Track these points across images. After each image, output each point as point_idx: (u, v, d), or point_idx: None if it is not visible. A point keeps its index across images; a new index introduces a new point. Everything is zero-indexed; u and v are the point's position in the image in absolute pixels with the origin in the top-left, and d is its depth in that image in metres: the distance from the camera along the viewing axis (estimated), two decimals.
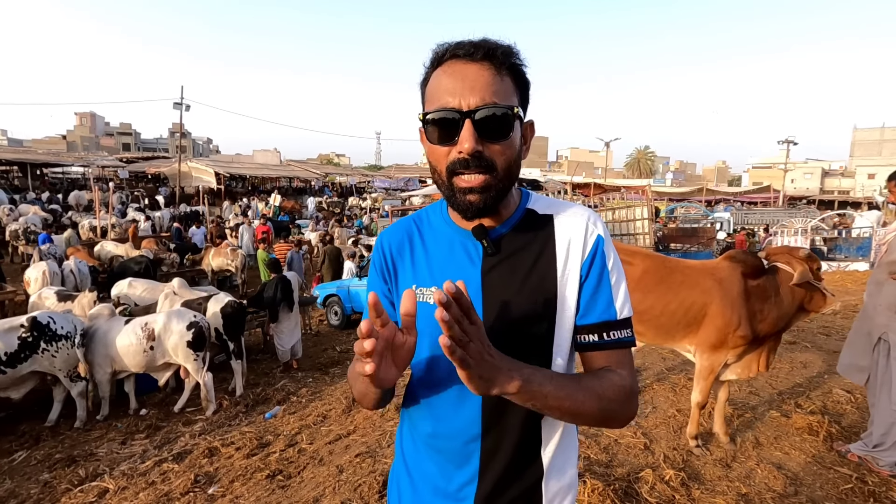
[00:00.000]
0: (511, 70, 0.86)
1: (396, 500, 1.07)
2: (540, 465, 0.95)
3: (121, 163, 31.45)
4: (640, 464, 3.01)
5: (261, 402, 5.65)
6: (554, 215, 0.96)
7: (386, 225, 11.38)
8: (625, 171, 68.77)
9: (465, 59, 0.84)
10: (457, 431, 0.94)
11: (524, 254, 0.93)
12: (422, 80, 0.91)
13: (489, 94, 0.82)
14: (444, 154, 0.86)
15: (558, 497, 0.97)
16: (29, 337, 4.88)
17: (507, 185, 0.88)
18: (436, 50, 0.88)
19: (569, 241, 0.92)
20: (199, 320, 5.50)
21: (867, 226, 13.15)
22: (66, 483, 3.88)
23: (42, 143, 55.71)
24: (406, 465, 1.04)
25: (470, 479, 0.94)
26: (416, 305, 0.79)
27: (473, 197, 0.85)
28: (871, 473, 2.89)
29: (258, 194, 27.95)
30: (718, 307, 2.99)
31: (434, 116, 0.84)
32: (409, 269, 0.99)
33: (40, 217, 14.87)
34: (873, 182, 41.06)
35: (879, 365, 3.01)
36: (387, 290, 1.02)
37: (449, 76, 0.84)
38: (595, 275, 0.92)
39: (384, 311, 0.76)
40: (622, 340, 0.91)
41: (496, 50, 0.84)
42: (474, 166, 0.84)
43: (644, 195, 16.29)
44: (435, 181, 0.91)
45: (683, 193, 32.20)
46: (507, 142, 0.85)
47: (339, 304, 9.62)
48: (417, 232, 1.02)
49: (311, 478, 3.39)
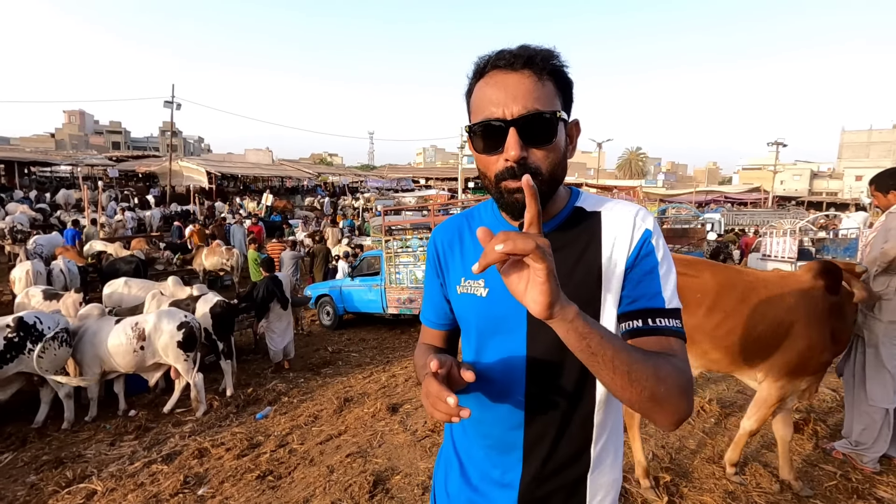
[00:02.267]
0: (552, 74, 0.88)
1: (443, 481, 1.12)
2: (587, 459, 0.98)
3: (110, 161, 31.10)
4: (628, 462, 3.04)
5: (251, 402, 5.63)
6: (602, 211, 0.97)
7: (378, 225, 11.37)
8: (617, 172, 69.09)
9: (505, 69, 0.87)
10: (501, 417, 0.98)
11: (570, 249, 0.95)
12: (466, 91, 0.95)
13: (531, 101, 0.85)
14: (492, 162, 0.90)
15: (601, 491, 1.00)
16: (15, 337, 4.82)
17: (553, 186, 0.92)
18: (477, 62, 0.91)
19: (615, 235, 0.94)
20: (190, 320, 5.46)
21: (854, 227, 13.33)
22: (53, 485, 3.84)
23: (30, 142, 54.92)
24: (455, 449, 1.10)
25: (514, 465, 0.98)
26: (474, 378, 0.85)
27: (521, 196, 0.88)
28: (855, 470, 2.93)
29: (250, 193, 27.78)
30: (804, 328, 2.58)
31: (480, 126, 0.88)
32: (458, 263, 1.04)
33: (28, 216, 14.69)
34: (861, 184, 41.55)
35: (856, 362, 3.06)
36: (439, 283, 1.09)
37: (492, 87, 0.87)
38: (642, 266, 0.92)
39: (446, 364, 0.87)
40: (672, 329, 0.86)
41: (535, 57, 0.86)
42: (520, 174, 0.86)
43: (635, 196, 16.39)
44: (485, 185, 0.95)
45: (674, 195, 32.45)
46: (550, 146, 0.88)
47: (332, 305, 9.60)
48: (468, 227, 1.07)
49: (302, 478, 3.38)
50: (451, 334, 1.14)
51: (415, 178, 38.94)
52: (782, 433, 2.79)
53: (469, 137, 0.92)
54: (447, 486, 1.10)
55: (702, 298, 2.67)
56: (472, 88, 0.92)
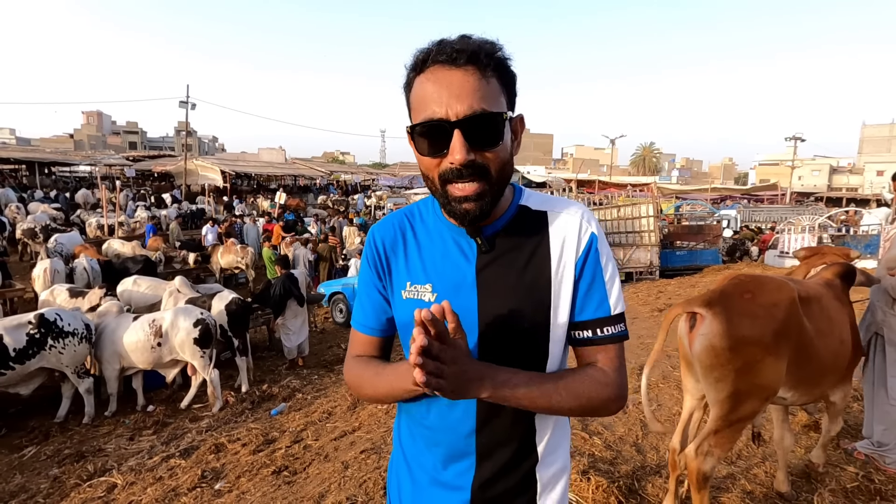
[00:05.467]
0: (496, 69, 0.84)
1: (396, 490, 1.10)
2: (535, 453, 0.98)
3: (127, 161, 31.62)
4: (644, 461, 3.01)
5: (266, 398, 5.69)
6: (548, 212, 0.96)
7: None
8: (630, 169, 68.46)
9: (447, 64, 0.81)
10: (453, 426, 0.96)
11: (518, 251, 0.94)
12: (405, 83, 0.89)
13: (476, 100, 0.80)
14: (435, 164, 0.85)
15: (552, 482, 1.00)
16: (37, 333, 4.94)
17: (501, 188, 0.88)
18: (417, 54, 0.85)
19: (563, 238, 0.93)
20: (206, 317, 5.54)
21: (875, 223, 13.03)
22: (74, 478, 3.93)
23: (50, 142, 56.19)
24: (405, 456, 1.07)
25: (466, 469, 0.97)
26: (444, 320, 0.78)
27: (469, 205, 0.85)
28: (878, 472, 2.87)
29: (263, 192, 28.04)
30: (854, 330, 2.53)
31: (423, 128, 0.83)
32: (402, 265, 0.99)
33: (48, 215, 14.99)
34: (882, 179, 40.60)
35: (875, 360, 2.99)
36: (381, 286, 1.02)
37: (433, 84, 0.82)
38: (589, 272, 0.93)
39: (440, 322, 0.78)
40: (615, 336, 0.94)
41: (479, 52, 0.81)
42: (467, 175, 0.83)
43: (650, 192, 16.22)
44: (429, 188, 0.91)
45: (688, 191, 32.04)
46: (498, 147, 0.84)
47: (344, 302, 9.65)
48: (410, 227, 1.01)
49: (317, 474, 3.41)
50: (386, 342, 1.06)
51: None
52: (788, 442, 2.69)
53: (410, 138, 0.86)
54: (400, 494, 1.08)
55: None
56: (412, 82, 0.86)
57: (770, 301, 2.17)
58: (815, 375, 2.36)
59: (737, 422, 2.16)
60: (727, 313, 2.11)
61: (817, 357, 2.31)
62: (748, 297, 2.19)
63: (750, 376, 2.09)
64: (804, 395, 2.40)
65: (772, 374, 2.12)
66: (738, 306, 2.15)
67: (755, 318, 2.11)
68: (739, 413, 2.14)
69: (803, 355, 2.23)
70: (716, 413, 2.17)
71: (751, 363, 2.08)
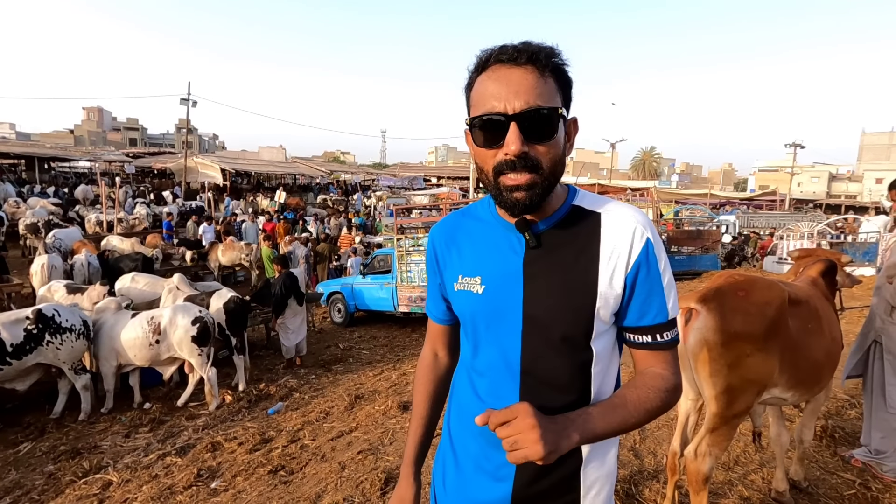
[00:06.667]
0: (554, 71, 0.88)
1: (441, 475, 1.14)
2: (579, 454, 0.99)
3: (127, 158, 31.55)
4: (641, 465, 3.01)
5: (263, 397, 5.68)
6: (601, 213, 0.97)
7: (390, 224, 11.37)
8: (630, 173, 68.51)
9: (509, 63, 0.86)
10: None
11: (566, 249, 0.95)
12: (466, 84, 0.94)
13: (533, 96, 0.84)
14: (490, 156, 0.89)
15: (597, 485, 1.01)
16: (34, 329, 4.92)
17: (552, 182, 0.91)
18: (479, 55, 0.90)
19: (615, 241, 0.94)
20: (205, 315, 5.53)
21: (874, 230, 13.06)
22: (70, 475, 3.92)
23: (49, 137, 56.01)
24: (451, 442, 1.11)
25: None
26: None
27: (520, 195, 0.88)
28: (875, 479, 2.87)
29: (263, 191, 28.00)
30: (838, 326, 2.55)
31: (481, 120, 0.87)
32: (455, 260, 1.05)
33: (47, 210, 14.95)
34: (881, 187, 40.67)
35: (874, 368, 2.99)
36: (439, 280, 1.11)
37: (494, 81, 0.87)
38: (647, 278, 0.94)
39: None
40: (672, 341, 0.97)
41: (539, 53, 0.86)
42: (520, 167, 0.86)
43: (649, 197, 16.24)
44: (482, 181, 0.94)
45: (688, 196, 32.08)
46: (551, 142, 0.88)
47: (343, 302, 9.64)
48: (464, 225, 1.08)
49: (314, 474, 3.40)
50: (453, 329, 1.17)
51: (426, 177, 38.93)
52: (785, 439, 2.71)
53: (468, 131, 0.92)
54: (445, 479, 1.12)
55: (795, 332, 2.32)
56: (473, 82, 0.92)
57: (762, 300, 2.21)
58: (813, 374, 2.40)
59: (732, 418, 2.19)
60: (721, 309, 2.14)
61: (813, 356, 2.35)
62: (742, 294, 2.23)
63: (741, 371, 2.12)
64: (804, 394, 2.44)
65: (762, 369, 2.16)
66: (731, 303, 2.18)
67: (748, 314, 2.15)
68: (734, 409, 2.16)
69: (799, 355, 2.26)
70: (712, 410, 2.19)
71: (741, 357, 2.12)
